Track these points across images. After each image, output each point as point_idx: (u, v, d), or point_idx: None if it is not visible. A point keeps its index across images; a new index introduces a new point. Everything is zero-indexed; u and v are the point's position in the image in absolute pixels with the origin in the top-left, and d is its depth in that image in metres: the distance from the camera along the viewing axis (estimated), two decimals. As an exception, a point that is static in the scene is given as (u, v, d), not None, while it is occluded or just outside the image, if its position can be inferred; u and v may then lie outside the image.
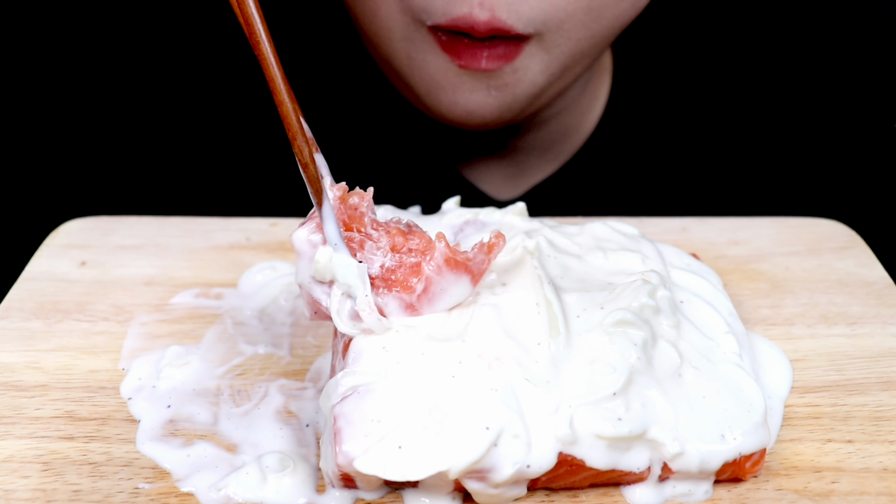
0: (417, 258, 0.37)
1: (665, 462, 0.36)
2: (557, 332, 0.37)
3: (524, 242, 0.42)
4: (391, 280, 0.37)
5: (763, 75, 0.69)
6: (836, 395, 0.41)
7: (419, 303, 0.37)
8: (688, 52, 0.68)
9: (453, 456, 0.33)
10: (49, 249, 0.51)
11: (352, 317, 0.36)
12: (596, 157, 0.65)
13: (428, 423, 0.34)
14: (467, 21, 0.47)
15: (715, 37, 0.70)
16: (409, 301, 0.37)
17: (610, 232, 0.46)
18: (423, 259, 0.37)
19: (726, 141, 0.67)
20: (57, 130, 0.68)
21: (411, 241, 0.37)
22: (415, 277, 0.37)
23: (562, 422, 0.34)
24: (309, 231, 0.37)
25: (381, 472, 0.33)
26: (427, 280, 0.37)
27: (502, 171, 0.65)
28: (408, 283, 0.37)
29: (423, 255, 0.37)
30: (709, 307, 0.42)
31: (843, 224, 0.54)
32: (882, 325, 0.46)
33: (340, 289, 0.36)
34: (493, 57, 0.49)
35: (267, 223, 0.54)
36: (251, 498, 0.36)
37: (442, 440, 0.33)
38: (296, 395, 0.41)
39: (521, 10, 0.48)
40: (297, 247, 0.37)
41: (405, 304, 0.37)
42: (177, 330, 0.45)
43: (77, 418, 0.40)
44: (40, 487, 0.36)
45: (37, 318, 0.46)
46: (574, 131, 0.65)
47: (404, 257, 0.37)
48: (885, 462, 0.38)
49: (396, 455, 0.33)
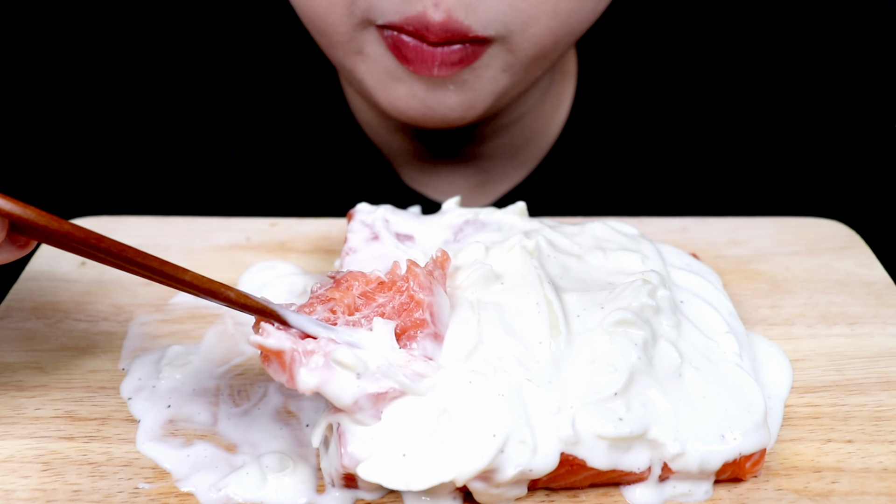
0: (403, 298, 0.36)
1: (665, 462, 0.36)
2: (558, 332, 0.37)
3: (524, 242, 0.42)
4: (405, 330, 0.36)
5: (763, 75, 0.68)
6: (836, 395, 0.41)
7: (437, 328, 0.37)
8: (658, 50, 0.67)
9: (459, 464, 0.33)
10: (49, 249, 0.51)
11: (414, 379, 0.35)
12: (565, 161, 0.64)
13: (435, 430, 0.34)
14: (421, 21, 0.45)
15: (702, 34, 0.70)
16: (433, 332, 0.36)
17: (610, 232, 0.46)
18: (408, 292, 0.36)
19: (726, 141, 0.67)
20: (58, 131, 0.68)
21: (375, 290, 0.37)
22: (417, 311, 0.36)
23: (564, 422, 0.34)
24: (310, 367, 0.34)
25: (384, 481, 0.33)
26: (428, 305, 0.36)
27: (469, 179, 0.64)
28: (416, 319, 0.36)
29: (400, 291, 0.36)
30: (709, 307, 0.42)
31: (843, 224, 0.54)
32: (882, 325, 0.46)
33: (377, 366, 0.34)
34: (445, 64, 0.47)
35: (267, 223, 0.54)
36: (251, 498, 0.36)
37: (448, 448, 0.33)
38: (295, 395, 0.41)
39: (479, 10, 0.45)
40: (318, 380, 0.34)
41: (432, 336, 0.36)
42: (177, 330, 0.45)
43: (77, 418, 0.40)
44: (40, 487, 0.36)
45: (37, 318, 0.46)
46: (539, 135, 0.64)
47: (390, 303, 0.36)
48: (884, 462, 0.38)
49: (401, 463, 0.33)
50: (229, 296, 0.34)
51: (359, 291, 0.37)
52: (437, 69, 0.47)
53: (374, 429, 0.34)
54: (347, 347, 0.34)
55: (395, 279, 0.37)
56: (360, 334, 0.35)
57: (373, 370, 0.34)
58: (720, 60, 0.68)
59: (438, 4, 0.44)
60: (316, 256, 0.51)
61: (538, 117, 0.62)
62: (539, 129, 0.63)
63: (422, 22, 0.45)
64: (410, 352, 0.35)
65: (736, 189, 0.66)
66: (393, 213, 0.46)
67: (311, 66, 0.64)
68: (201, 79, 0.66)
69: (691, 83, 0.67)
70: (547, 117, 0.63)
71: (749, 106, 0.67)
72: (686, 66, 0.67)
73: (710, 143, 0.66)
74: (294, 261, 0.50)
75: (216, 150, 0.66)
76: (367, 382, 0.34)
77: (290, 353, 0.34)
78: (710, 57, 0.68)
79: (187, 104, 0.66)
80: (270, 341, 0.34)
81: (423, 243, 0.45)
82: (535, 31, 0.47)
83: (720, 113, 0.67)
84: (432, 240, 0.45)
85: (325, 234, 0.53)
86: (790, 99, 0.68)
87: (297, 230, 0.53)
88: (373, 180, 0.64)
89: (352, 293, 0.37)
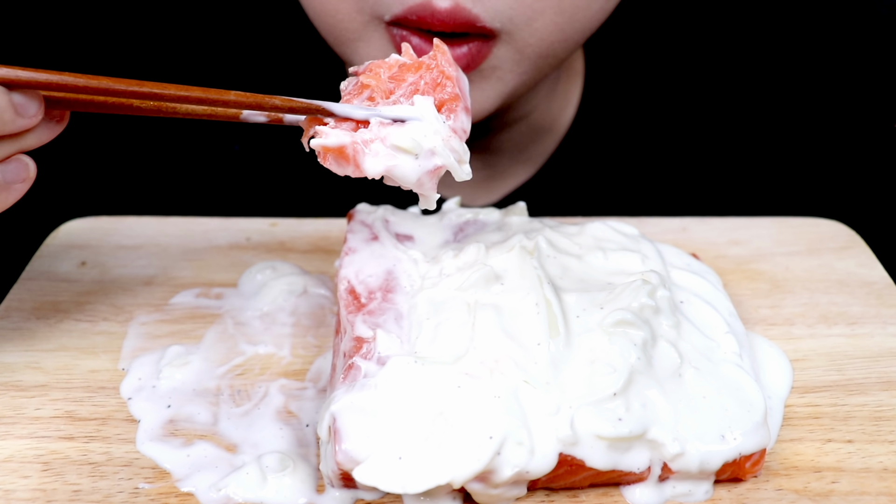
0: (434, 74, 0.38)
1: (665, 462, 0.35)
2: (557, 333, 0.37)
3: (524, 242, 0.42)
4: (442, 103, 0.38)
5: (763, 76, 0.68)
6: (836, 395, 0.41)
7: (465, 100, 0.39)
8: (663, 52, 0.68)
9: (456, 467, 0.33)
10: (49, 249, 0.51)
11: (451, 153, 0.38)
12: (571, 160, 0.64)
13: (431, 432, 0.34)
14: (426, 9, 0.44)
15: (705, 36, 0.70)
16: (465, 104, 0.38)
17: (610, 232, 0.46)
18: (438, 68, 0.38)
19: (726, 141, 0.67)
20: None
21: (402, 71, 0.38)
22: (448, 86, 0.38)
23: (563, 423, 0.34)
24: (374, 154, 0.37)
25: (381, 485, 0.33)
26: (457, 79, 0.38)
27: (475, 174, 0.63)
28: (451, 93, 0.38)
29: (430, 69, 0.38)
30: (709, 307, 0.42)
31: (843, 224, 0.54)
32: (882, 325, 0.46)
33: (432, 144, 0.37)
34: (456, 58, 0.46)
35: (267, 223, 0.54)
36: (251, 498, 0.36)
37: (444, 451, 0.33)
38: (296, 395, 0.41)
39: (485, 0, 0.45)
40: (384, 165, 0.36)
41: (465, 109, 0.38)
42: (177, 330, 0.45)
43: (77, 418, 0.40)
44: (40, 487, 0.36)
45: (37, 318, 0.46)
46: (547, 133, 0.64)
47: (422, 80, 0.38)
48: (885, 462, 0.38)
49: (397, 466, 0.33)
50: (275, 103, 0.36)
51: (388, 76, 0.38)
52: None
53: (371, 427, 0.34)
54: (400, 131, 0.36)
55: (420, 59, 0.38)
56: (406, 109, 0.37)
57: (426, 149, 0.37)
58: (722, 61, 0.68)
59: None
60: (316, 256, 0.51)
61: (545, 114, 0.62)
62: (546, 126, 0.63)
63: (427, 9, 0.45)
64: (453, 125, 0.37)
65: (736, 189, 0.66)
66: (393, 214, 0.46)
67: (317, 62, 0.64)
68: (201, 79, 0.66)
69: (694, 84, 0.67)
70: (554, 115, 0.63)
71: (749, 106, 0.67)
72: (689, 66, 0.67)
73: (710, 143, 0.66)
74: (294, 261, 0.50)
75: (216, 150, 0.66)
76: (424, 161, 0.37)
77: (351, 147, 0.36)
78: (711, 57, 0.68)
79: None
80: (331, 140, 0.36)
81: (422, 243, 0.45)
82: (539, 27, 0.47)
83: (721, 113, 0.67)
84: (432, 240, 0.45)
85: (325, 234, 0.53)
86: (790, 99, 0.68)
87: (297, 230, 0.53)
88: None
89: (382, 78, 0.38)
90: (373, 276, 0.42)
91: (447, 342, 0.37)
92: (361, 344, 0.38)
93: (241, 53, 0.66)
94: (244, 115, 0.37)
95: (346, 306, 0.40)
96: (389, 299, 0.40)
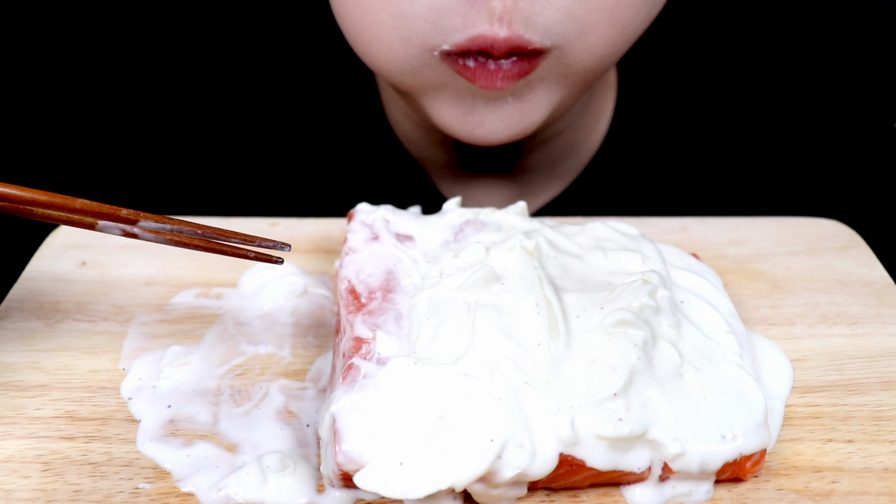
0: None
1: (665, 462, 0.36)
2: (557, 333, 0.37)
3: (524, 242, 0.42)
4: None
5: (763, 75, 0.69)
6: (837, 395, 0.41)
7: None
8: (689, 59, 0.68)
9: (457, 471, 0.33)
10: (49, 249, 0.51)
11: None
12: (602, 174, 0.64)
13: (432, 436, 0.34)
14: (486, 39, 0.45)
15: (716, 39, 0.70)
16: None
17: (610, 232, 0.46)
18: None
19: (726, 141, 0.67)
20: (58, 131, 0.68)
21: None
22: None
23: (563, 423, 0.34)
24: None
25: (382, 490, 0.33)
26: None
27: (506, 191, 0.63)
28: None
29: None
30: (709, 307, 0.42)
31: (843, 224, 0.54)
32: (882, 325, 0.46)
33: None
34: (508, 77, 0.47)
35: (267, 223, 0.54)
36: (251, 498, 0.36)
37: (445, 455, 0.33)
38: (296, 395, 0.41)
39: (537, 21, 0.45)
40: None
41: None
42: (177, 330, 0.45)
43: (77, 418, 0.40)
44: (40, 487, 0.36)
45: (37, 318, 0.46)
46: (579, 149, 0.63)
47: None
48: (885, 462, 0.38)
49: (398, 471, 0.33)
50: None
51: None
52: (500, 81, 0.47)
53: (371, 429, 0.34)
54: None
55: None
56: None
57: None
58: (722, 61, 0.68)
59: (502, 18, 0.45)
60: (316, 256, 0.51)
61: (578, 131, 0.62)
62: (578, 142, 0.63)
63: (487, 41, 0.45)
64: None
65: (736, 189, 0.66)
66: (393, 214, 0.46)
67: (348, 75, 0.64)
68: (201, 79, 0.66)
69: (696, 84, 0.67)
70: (587, 131, 0.63)
71: (749, 106, 0.67)
72: (689, 74, 0.67)
73: (710, 143, 0.66)
74: (294, 261, 0.50)
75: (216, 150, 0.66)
76: None
77: None
78: (714, 63, 0.68)
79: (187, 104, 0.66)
80: None
81: (423, 243, 0.45)
82: (593, 41, 0.47)
83: (721, 113, 0.67)
84: (432, 240, 0.45)
85: (325, 234, 0.53)
86: (790, 99, 0.68)
87: (297, 230, 0.53)
88: (410, 191, 0.63)
89: None
90: (373, 276, 0.42)
91: (447, 342, 0.37)
92: (361, 344, 0.38)
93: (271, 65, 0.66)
94: (100, 226, 0.37)
95: (346, 306, 0.40)
96: (389, 299, 0.40)
